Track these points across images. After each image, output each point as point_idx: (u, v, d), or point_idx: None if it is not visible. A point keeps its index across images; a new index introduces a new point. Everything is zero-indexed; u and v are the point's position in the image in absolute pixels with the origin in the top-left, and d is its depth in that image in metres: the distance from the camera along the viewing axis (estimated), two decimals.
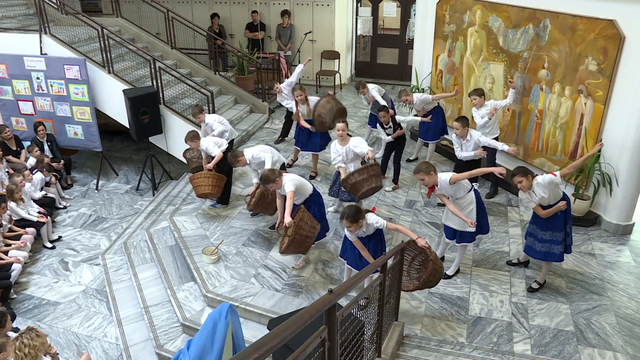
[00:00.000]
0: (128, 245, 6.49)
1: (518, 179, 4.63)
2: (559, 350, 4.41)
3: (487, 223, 5.21)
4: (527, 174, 4.62)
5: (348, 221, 4.38)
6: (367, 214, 4.49)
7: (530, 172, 4.66)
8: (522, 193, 4.75)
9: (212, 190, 6.36)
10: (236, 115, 9.01)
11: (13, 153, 7.94)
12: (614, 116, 5.68)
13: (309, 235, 5.05)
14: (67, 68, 7.82)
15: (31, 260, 6.50)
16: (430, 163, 4.96)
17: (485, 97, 6.59)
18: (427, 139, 7.56)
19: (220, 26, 11.04)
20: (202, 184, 6.34)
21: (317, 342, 2.41)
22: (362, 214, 4.41)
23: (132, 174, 8.81)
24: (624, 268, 5.45)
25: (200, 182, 6.35)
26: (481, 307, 4.95)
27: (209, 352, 3.25)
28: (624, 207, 5.91)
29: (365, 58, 12.35)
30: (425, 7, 8.37)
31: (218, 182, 6.38)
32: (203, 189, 6.34)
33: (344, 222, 4.45)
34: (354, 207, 4.45)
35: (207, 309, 5.14)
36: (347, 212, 4.40)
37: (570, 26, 5.92)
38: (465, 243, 5.19)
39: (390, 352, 4.11)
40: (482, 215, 5.08)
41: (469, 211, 4.98)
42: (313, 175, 7.35)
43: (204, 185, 6.33)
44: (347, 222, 4.40)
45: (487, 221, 5.20)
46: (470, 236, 5.10)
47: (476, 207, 5.00)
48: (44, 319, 5.57)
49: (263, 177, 5.22)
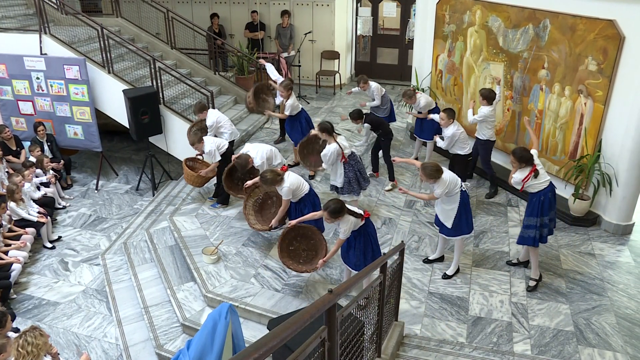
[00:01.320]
0: (128, 245, 6.49)
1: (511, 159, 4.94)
2: (559, 350, 4.41)
3: (471, 225, 5.22)
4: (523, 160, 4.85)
5: (327, 213, 4.50)
6: (347, 217, 4.53)
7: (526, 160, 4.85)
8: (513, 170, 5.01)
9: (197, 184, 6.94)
10: (236, 115, 9.00)
11: (13, 153, 7.93)
12: (614, 116, 5.68)
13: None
14: (67, 68, 7.82)
15: (31, 261, 6.51)
16: (439, 168, 4.91)
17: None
18: (424, 137, 7.57)
19: (220, 26, 11.03)
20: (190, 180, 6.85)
21: (317, 342, 2.41)
22: (342, 213, 4.49)
23: (132, 174, 8.81)
24: (623, 268, 5.45)
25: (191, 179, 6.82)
26: (481, 307, 4.95)
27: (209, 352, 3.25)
28: (624, 207, 5.90)
29: (365, 58, 12.34)
30: (425, 7, 8.37)
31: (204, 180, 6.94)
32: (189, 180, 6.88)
33: (323, 212, 4.58)
34: (340, 204, 4.53)
35: (207, 309, 5.14)
36: (330, 205, 4.49)
37: (570, 26, 5.92)
38: (443, 234, 5.27)
39: (390, 352, 4.11)
40: (465, 216, 5.10)
41: (450, 209, 5.04)
42: (312, 175, 7.35)
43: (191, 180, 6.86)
44: (327, 214, 4.51)
45: (471, 223, 5.21)
46: (447, 231, 5.18)
47: (458, 207, 5.03)
48: (44, 319, 5.57)
49: (263, 177, 5.26)
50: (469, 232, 5.23)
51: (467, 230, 5.19)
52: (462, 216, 5.06)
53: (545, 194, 4.89)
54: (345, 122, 8.97)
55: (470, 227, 5.20)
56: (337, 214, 4.46)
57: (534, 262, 5.14)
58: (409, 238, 6.04)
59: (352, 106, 10.25)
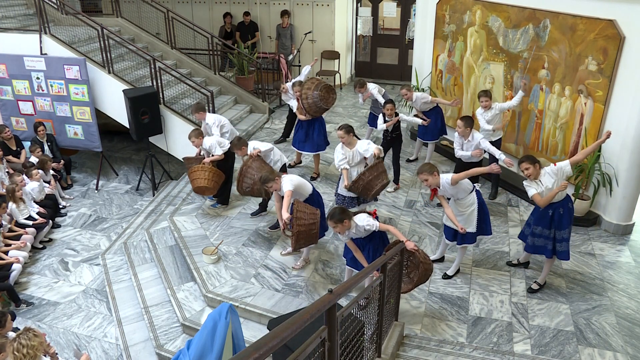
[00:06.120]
0: (128, 245, 6.49)
1: (525, 166, 4.65)
2: (559, 350, 4.41)
3: (490, 225, 5.18)
4: (535, 162, 4.65)
5: (332, 221, 4.39)
6: (358, 215, 4.49)
7: (537, 161, 4.68)
8: (526, 181, 4.76)
9: (209, 185, 6.30)
10: (236, 115, 9.01)
11: (13, 153, 7.93)
12: (614, 116, 5.68)
13: (312, 222, 4.93)
14: (67, 68, 7.82)
15: (31, 260, 6.50)
16: (433, 164, 4.96)
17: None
18: (426, 139, 7.56)
19: (232, 25, 10.99)
20: (200, 177, 6.28)
21: (317, 342, 2.41)
22: (347, 215, 4.41)
23: (132, 174, 8.81)
24: (624, 268, 5.45)
25: (198, 175, 6.29)
26: (481, 307, 4.95)
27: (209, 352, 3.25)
28: (624, 207, 5.90)
29: (365, 58, 12.35)
30: (425, 7, 8.37)
31: (216, 177, 6.35)
32: (200, 182, 6.29)
33: (329, 223, 4.45)
34: (339, 208, 4.48)
35: (207, 309, 5.14)
36: (332, 213, 4.42)
37: (570, 26, 5.92)
38: (466, 244, 5.18)
39: (390, 352, 4.11)
40: (484, 216, 5.06)
41: (470, 212, 4.98)
42: (314, 177, 7.34)
43: (201, 178, 6.27)
44: (332, 223, 4.40)
45: (489, 223, 5.18)
46: (471, 237, 5.09)
47: (477, 207, 4.99)
48: (44, 319, 5.57)
49: (262, 177, 5.23)
50: (489, 233, 5.20)
51: (489, 230, 5.14)
52: (481, 216, 5.02)
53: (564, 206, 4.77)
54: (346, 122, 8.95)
55: (490, 227, 5.15)
56: (340, 216, 4.38)
57: (546, 270, 5.11)
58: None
59: (352, 106, 10.28)
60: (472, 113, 6.79)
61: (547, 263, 5.08)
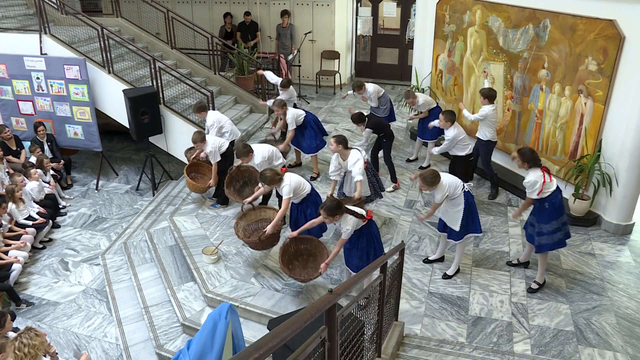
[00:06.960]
0: (128, 245, 6.49)
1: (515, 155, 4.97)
2: (559, 350, 4.41)
3: (479, 224, 5.19)
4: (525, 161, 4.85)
5: (324, 212, 4.49)
6: (348, 217, 4.51)
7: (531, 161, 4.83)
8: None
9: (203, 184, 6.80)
10: (236, 115, 9.00)
11: (13, 153, 7.94)
12: (614, 116, 5.68)
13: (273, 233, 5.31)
14: (67, 68, 7.82)
15: (31, 260, 6.50)
16: (437, 173, 4.91)
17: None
18: (426, 138, 7.57)
19: (232, 25, 10.99)
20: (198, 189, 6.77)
21: (317, 342, 2.41)
22: (340, 211, 4.48)
23: (132, 174, 8.81)
24: (624, 268, 5.45)
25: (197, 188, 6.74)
26: (481, 307, 4.95)
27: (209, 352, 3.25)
28: (624, 207, 5.90)
29: (365, 58, 12.34)
30: (425, 7, 8.37)
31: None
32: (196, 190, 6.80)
33: (320, 210, 4.56)
34: (336, 202, 4.54)
35: (207, 309, 5.14)
36: (327, 204, 4.51)
37: (570, 26, 5.92)
38: (452, 240, 5.21)
39: (390, 352, 4.11)
40: (472, 216, 5.09)
41: (456, 211, 5.02)
42: (314, 177, 7.34)
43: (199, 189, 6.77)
44: (324, 213, 4.50)
45: (479, 223, 5.19)
46: (457, 235, 5.13)
47: (464, 208, 5.02)
48: (44, 319, 5.57)
49: (262, 175, 5.25)
50: (480, 232, 5.23)
51: (477, 229, 5.17)
52: (468, 217, 5.04)
53: (556, 197, 4.84)
54: (346, 122, 8.96)
55: (479, 226, 5.18)
56: (334, 211, 4.45)
57: (542, 267, 5.12)
58: (409, 238, 6.05)
59: (352, 106, 10.26)
60: (472, 112, 6.80)
61: (540, 259, 5.09)
